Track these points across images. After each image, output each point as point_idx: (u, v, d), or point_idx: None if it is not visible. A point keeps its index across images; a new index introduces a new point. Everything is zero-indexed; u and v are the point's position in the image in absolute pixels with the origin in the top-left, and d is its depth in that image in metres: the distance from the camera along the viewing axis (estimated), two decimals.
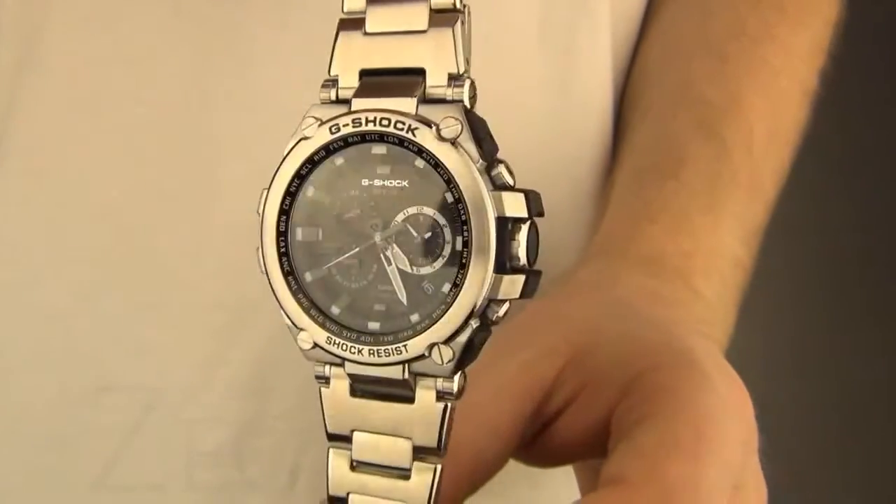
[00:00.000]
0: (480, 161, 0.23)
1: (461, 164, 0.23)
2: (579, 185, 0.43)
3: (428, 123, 0.23)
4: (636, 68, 0.46)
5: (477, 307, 0.23)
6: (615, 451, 0.27)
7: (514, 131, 0.41)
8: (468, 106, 0.24)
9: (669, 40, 0.46)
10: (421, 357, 0.24)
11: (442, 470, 0.25)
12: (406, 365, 0.24)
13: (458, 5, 0.24)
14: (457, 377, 0.24)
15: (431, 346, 0.24)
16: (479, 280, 0.23)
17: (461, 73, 0.24)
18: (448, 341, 0.24)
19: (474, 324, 0.24)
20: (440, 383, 0.24)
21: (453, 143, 0.23)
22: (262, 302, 0.38)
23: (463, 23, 0.24)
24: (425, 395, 0.24)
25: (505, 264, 0.23)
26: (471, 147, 0.23)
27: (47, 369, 0.37)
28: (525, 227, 0.23)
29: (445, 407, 0.24)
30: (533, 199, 0.23)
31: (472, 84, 0.24)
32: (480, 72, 0.39)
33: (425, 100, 0.24)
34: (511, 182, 0.23)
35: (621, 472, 0.26)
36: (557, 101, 0.42)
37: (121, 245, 0.37)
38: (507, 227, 0.23)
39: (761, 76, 0.43)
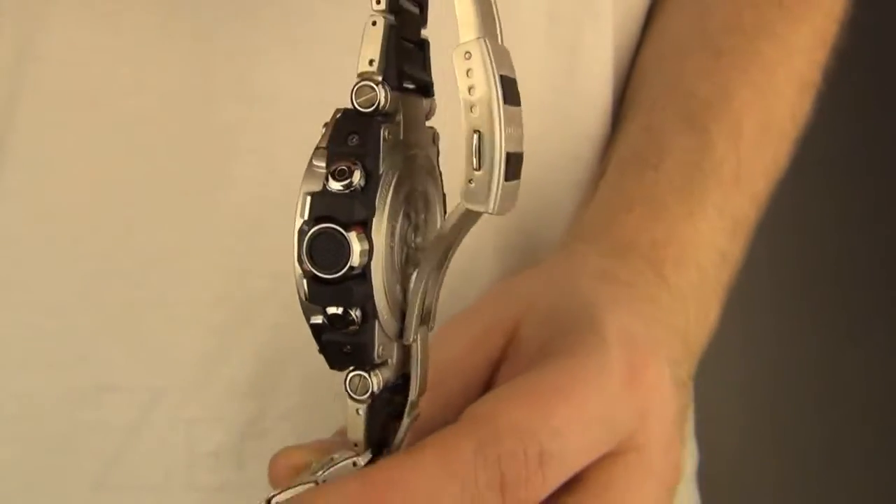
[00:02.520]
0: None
1: None
2: (578, 180, 0.43)
3: None
4: (635, 65, 0.46)
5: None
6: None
7: None
8: (354, 107, 0.24)
9: (667, 37, 0.46)
10: None
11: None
12: None
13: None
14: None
15: None
16: None
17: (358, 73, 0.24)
18: None
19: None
20: None
21: None
22: (265, 298, 0.38)
23: (374, 23, 0.24)
24: None
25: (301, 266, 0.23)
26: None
27: (47, 367, 0.37)
28: (306, 230, 0.23)
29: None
30: (319, 204, 0.23)
31: (358, 86, 0.24)
32: None
33: None
34: (331, 186, 0.23)
35: (465, 416, 0.26)
36: (560, 96, 0.42)
37: (121, 239, 0.37)
38: (302, 229, 0.23)
39: (754, 70, 0.42)
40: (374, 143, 0.23)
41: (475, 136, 0.22)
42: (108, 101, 0.36)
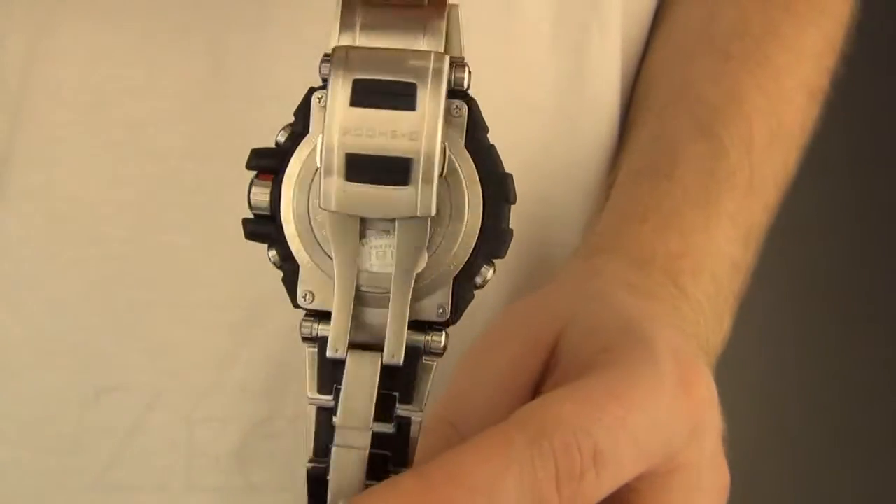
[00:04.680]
0: None
1: None
2: (587, 185, 0.43)
3: None
4: (643, 69, 0.46)
5: None
6: None
7: (523, 129, 0.41)
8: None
9: (674, 41, 0.45)
10: None
11: None
12: None
13: None
14: None
15: None
16: None
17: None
18: None
19: None
20: None
21: None
22: (277, 299, 0.38)
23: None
24: None
25: None
26: None
27: (54, 368, 0.37)
28: None
29: None
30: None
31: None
32: (494, 69, 0.39)
33: None
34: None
35: (516, 414, 0.26)
36: (568, 101, 0.42)
37: (132, 240, 0.37)
38: None
39: (763, 75, 0.42)
40: (302, 105, 0.26)
41: (320, 137, 0.24)
42: (119, 101, 0.36)
